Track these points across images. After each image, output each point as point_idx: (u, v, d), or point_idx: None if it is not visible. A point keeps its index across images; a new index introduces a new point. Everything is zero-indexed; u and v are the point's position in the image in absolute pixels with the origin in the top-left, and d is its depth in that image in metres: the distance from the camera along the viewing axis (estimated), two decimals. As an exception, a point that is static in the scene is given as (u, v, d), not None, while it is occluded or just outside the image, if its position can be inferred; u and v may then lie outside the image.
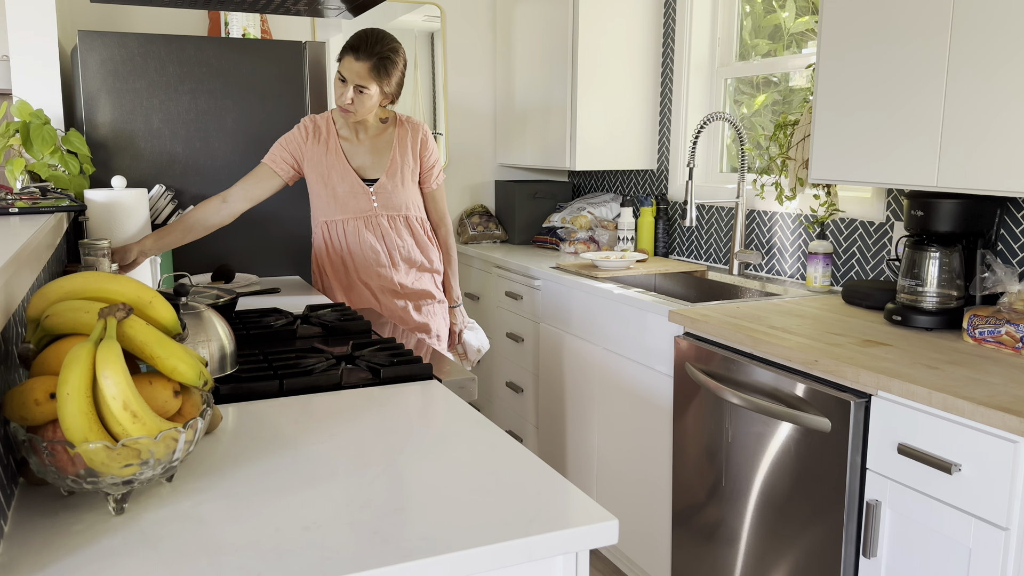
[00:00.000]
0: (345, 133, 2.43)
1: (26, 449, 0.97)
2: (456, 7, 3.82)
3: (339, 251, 2.46)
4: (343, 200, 2.42)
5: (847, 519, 1.75)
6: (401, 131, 2.49)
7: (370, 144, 2.45)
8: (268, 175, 2.39)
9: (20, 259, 1.09)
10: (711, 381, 2.09)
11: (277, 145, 2.41)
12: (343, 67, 2.30)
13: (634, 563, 2.67)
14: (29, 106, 2.24)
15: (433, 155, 2.54)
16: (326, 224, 2.45)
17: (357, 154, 2.44)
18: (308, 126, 2.42)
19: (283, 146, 2.40)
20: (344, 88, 2.30)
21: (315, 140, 2.41)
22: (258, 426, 1.32)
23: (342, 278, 2.48)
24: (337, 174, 2.40)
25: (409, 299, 2.51)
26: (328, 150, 2.41)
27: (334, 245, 2.46)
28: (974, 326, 1.86)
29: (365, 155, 2.45)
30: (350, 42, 2.30)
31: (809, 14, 2.81)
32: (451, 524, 0.98)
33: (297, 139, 2.41)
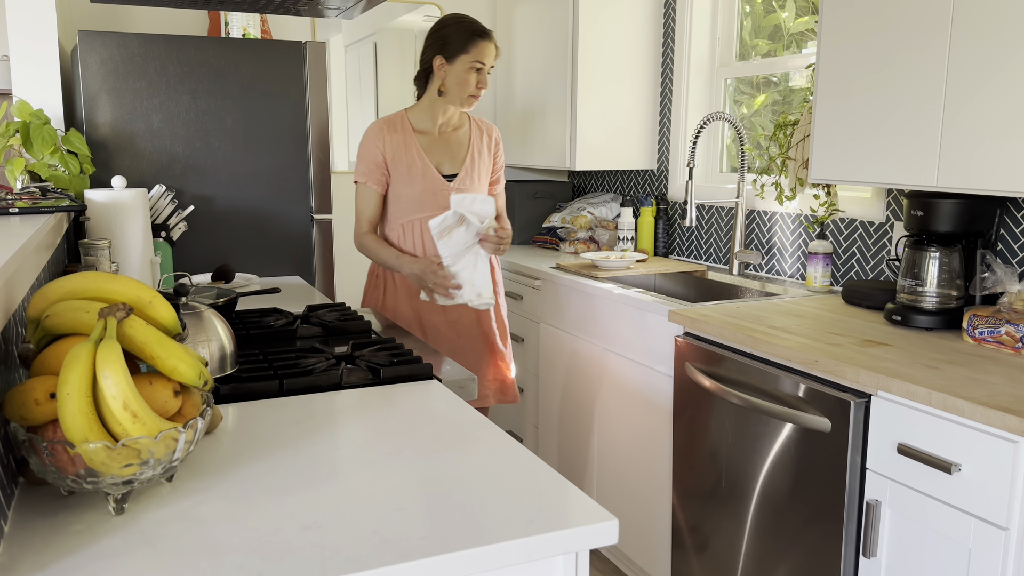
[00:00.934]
0: (422, 128, 2.41)
1: (26, 449, 0.97)
2: (456, 7, 3.82)
3: (414, 252, 2.40)
4: (423, 198, 2.37)
5: (847, 519, 1.75)
6: (475, 128, 2.49)
7: (447, 139, 2.43)
8: (373, 194, 2.39)
9: (20, 259, 1.09)
10: (711, 381, 2.09)
11: (361, 161, 2.39)
12: (481, 54, 2.31)
13: (634, 563, 2.67)
14: (29, 106, 2.24)
15: (503, 157, 2.57)
16: (402, 228, 2.40)
17: (434, 150, 2.41)
18: (382, 127, 2.39)
19: (368, 158, 2.37)
20: (477, 75, 2.32)
21: (392, 139, 2.37)
22: (258, 426, 1.33)
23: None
24: (418, 171, 2.37)
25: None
26: (408, 148, 2.37)
27: (409, 247, 2.40)
28: (974, 326, 1.86)
29: (442, 151, 2.42)
30: (474, 28, 2.31)
31: (809, 14, 2.81)
32: (451, 524, 0.98)
33: (375, 144, 2.36)
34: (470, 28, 2.31)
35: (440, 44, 2.33)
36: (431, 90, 2.39)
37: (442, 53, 2.33)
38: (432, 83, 2.38)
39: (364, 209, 2.39)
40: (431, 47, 2.36)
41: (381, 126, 2.39)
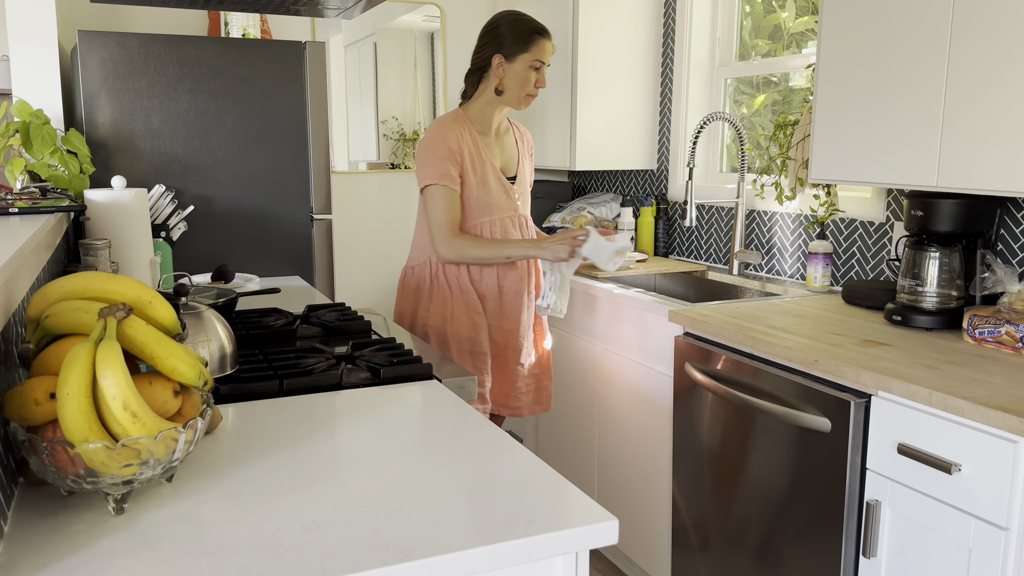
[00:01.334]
0: (480, 129, 2.35)
1: (26, 449, 0.97)
2: (456, 7, 3.82)
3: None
4: (495, 199, 2.31)
5: (847, 519, 1.75)
6: (516, 131, 2.48)
7: (500, 141, 2.39)
8: (454, 195, 2.27)
9: (20, 259, 1.09)
10: (711, 381, 2.09)
11: (438, 160, 2.25)
12: (542, 52, 2.26)
13: (634, 563, 2.67)
14: (29, 106, 2.24)
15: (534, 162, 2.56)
16: (478, 227, 2.32)
17: (494, 152, 2.37)
18: (455, 123, 2.29)
19: (444, 157, 2.25)
20: (536, 74, 2.28)
21: (463, 139, 2.28)
22: (258, 426, 1.32)
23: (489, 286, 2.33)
24: (489, 173, 2.30)
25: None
26: (477, 148, 2.30)
27: None
28: (974, 326, 1.86)
29: (499, 153, 2.38)
30: (533, 26, 2.26)
31: (809, 14, 2.80)
32: (451, 524, 0.98)
33: (453, 140, 2.26)
34: (530, 26, 2.26)
35: (499, 42, 2.26)
36: (486, 89, 2.32)
37: (501, 51, 2.26)
38: (487, 82, 2.31)
39: (449, 211, 2.24)
40: (489, 45, 2.28)
41: (454, 122, 2.29)
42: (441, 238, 2.25)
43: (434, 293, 2.34)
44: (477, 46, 2.32)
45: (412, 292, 2.39)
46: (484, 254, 2.24)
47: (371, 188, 3.79)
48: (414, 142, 3.84)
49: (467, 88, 2.37)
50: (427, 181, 2.25)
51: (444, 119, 2.29)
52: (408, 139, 3.83)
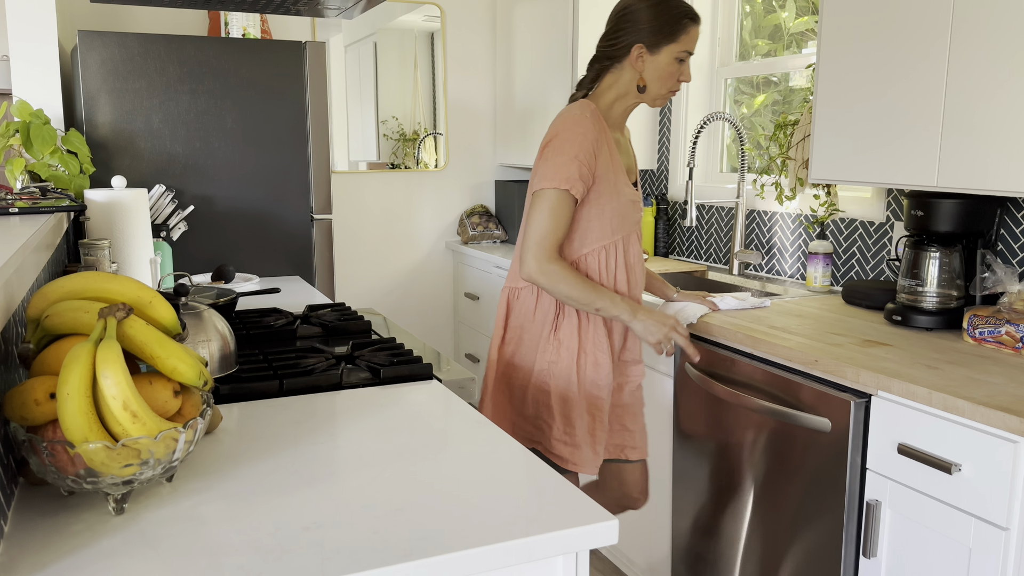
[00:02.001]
0: (610, 126, 1.97)
1: (26, 449, 0.97)
2: (456, 7, 3.82)
3: (612, 279, 1.95)
4: (625, 211, 1.94)
5: (847, 519, 1.75)
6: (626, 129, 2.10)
7: (621, 140, 2.02)
8: (571, 206, 1.85)
9: (20, 259, 1.09)
10: (711, 381, 2.09)
11: (567, 160, 1.82)
12: (691, 41, 1.90)
13: (634, 563, 2.67)
14: (29, 106, 2.24)
15: None
16: (604, 251, 1.93)
17: (621, 154, 1.99)
18: (593, 118, 1.87)
19: (578, 157, 1.83)
20: (680, 67, 1.91)
21: (600, 138, 1.88)
22: (258, 426, 1.32)
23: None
24: (622, 180, 1.92)
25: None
26: (610, 151, 1.90)
27: (607, 273, 1.94)
28: (974, 326, 1.86)
29: (625, 154, 2.02)
30: (683, 9, 1.88)
31: (809, 14, 2.80)
32: (451, 524, 0.98)
33: (591, 139, 1.85)
34: (680, 10, 1.88)
35: (640, 28, 1.87)
36: (617, 82, 1.92)
37: (644, 40, 1.87)
38: (619, 73, 1.92)
39: (557, 225, 1.83)
40: (628, 31, 1.88)
41: (591, 119, 1.87)
42: (536, 254, 1.83)
43: (562, 323, 1.93)
44: (609, 30, 1.92)
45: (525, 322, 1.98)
46: (575, 295, 1.83)
47: (371, 188, 3.79)
48: (414, 142, 3.84)
49: (588, 76, 1.97)
50: (545, 183, 1.82)
51: (580, 112, 1.87)
52: (408, 139, 3.83)
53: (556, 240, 1.84)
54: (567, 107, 1.92)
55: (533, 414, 1.96)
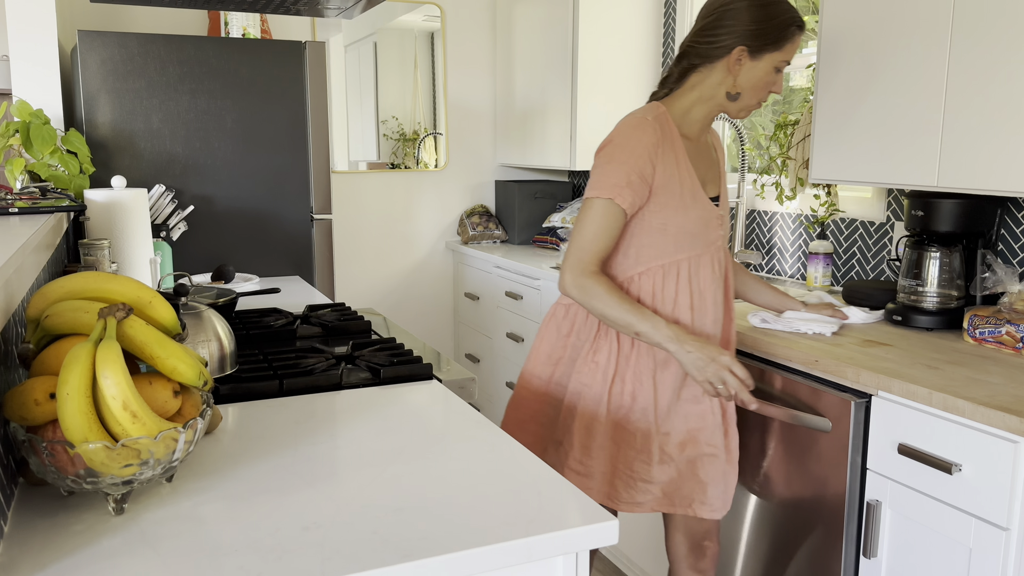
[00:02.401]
0: (686, 132, 1.77)
1: (26, 449, 0.97)
2: (456, 7, 3.82)
3: (672, 303, 1.74)
4: (695, 227, 1.73)
5: (847, 519, 1.74)
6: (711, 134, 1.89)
7: (701, 149, 1.81)
8: (620, 218, 1.68)
9: (20, 259, 1.09)
10: (711, 381, 2.09)
11: (619, 166, 1.66)
12: (793, 49, 1.72)
13: (634, 563, 2.67)
14: (29, 106, 2.24)
15: None
16: (662, 272, 1.73)
17: (699, 164, 1.79)
18: (654, 126, 1.69)
19: (630, 165, 1.65)
20: (776, 77, 1.73)
21: (664, 146, 1.70)
22: (258, 426, 1.32)
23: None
24: (689, 192, 1.72)
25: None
26: (677, 160, 1.71)
27: (665, 297, 1.74)
28: (974, 326, 1.86)
29: (704, 165, 1.81)
30: (792, 14, 1.69)
31: (809, 14, 2.80)
32: (451, 524, 0.98)
33: (648, 146, 1.66)
34: (790, 15, 1.69)
35: (743, 29, 1.67)
36: (702, 83, 1.73)
37: (748, 43, 1.67)
38: (708, 74, 1.72)
39: (599, 237, 1.67)
40: (731, 30, 1.67)
41: (653, 124, 1.69)
42: (572, 266, 1.68)
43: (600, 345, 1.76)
44: (707, 26, 1.71)
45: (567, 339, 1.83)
46: (611, 314, 1.65)
47: (371, 188, 3.79)
48: (414, 142, 3.84)
49: (674, 74, 1.77)
50: (592, 192, 1.68)
51: (642, 116, 1.71)
52: (408, 139, 3.83)
53: (597, 253, 1.67)
54: (633, 111, 1.76)
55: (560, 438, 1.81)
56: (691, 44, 1.73)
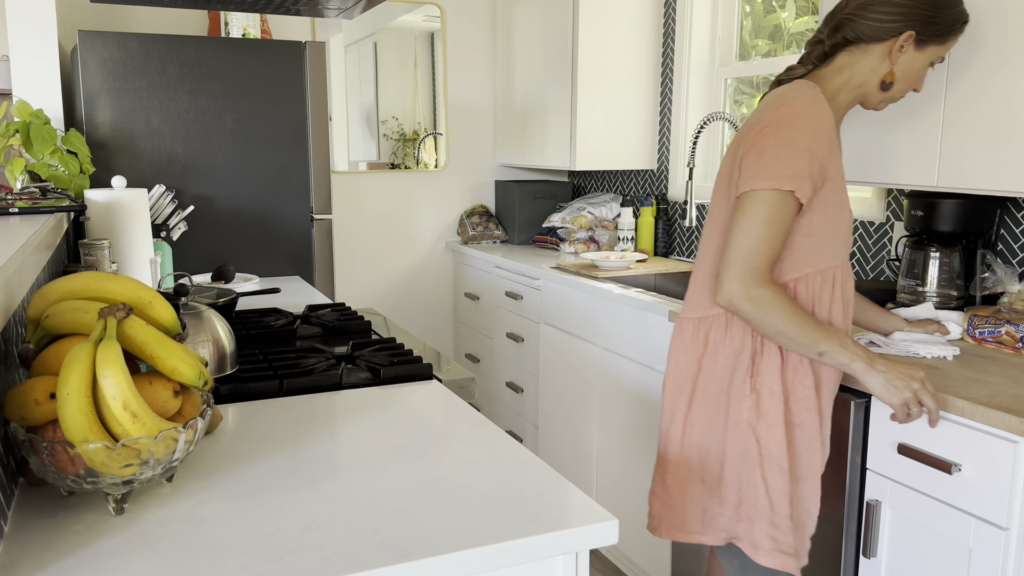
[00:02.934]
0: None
1: (26, 449, 0.97)
2: (456, 7, 3.82)
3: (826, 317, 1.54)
4: (847, 232, 1.53)
5: (847, 519, 1.74)
6: None
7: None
8: (792, 212, 1.44)
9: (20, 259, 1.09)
10: (711, 381, 2.08)
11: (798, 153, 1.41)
12: (952, 45, 1.59)
13: (634, 563, 2.67)
14: (29, 106, 2.24)
15: None
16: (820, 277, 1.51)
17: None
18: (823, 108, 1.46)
19: (808, 152, 1.42)
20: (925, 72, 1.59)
21: (835, 132, 1.50)
22: (258, 426, 1.32)
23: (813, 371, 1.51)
24: (845, 190, 1.53)
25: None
26: (839, 154, 1.52)
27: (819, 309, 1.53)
28: (974, 326, 1.86)
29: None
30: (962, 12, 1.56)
31: (809, 14, 2.81)
32: (451, 524, 0.98)
33: (824, 132, 1.44)
34: (960, 10, 1.55)
35: (920, 15, 1.50)
36: (856, 68, 1.53)
37: (918, 28, 1.51)
38: (862, 57, 1.52)
39: (773, 239, 1.42)
40: (904, 13, 1.50)
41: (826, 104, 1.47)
42: (742, 274, 1.42)
43: (760, 365, 1.50)
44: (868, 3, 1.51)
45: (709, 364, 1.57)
46: (791, 332, 1.41)
47: (371, 188, 3.80)
48: (414, 142, 3.84)
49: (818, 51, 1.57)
50: (762, 182, 1.42)
51: (812, 93, 1.47)
52: (408, 139, 3.83)
53: (770, 257, 1.42)
54: (788, 87, 1.51)
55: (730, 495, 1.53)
56: (850, 17, 1.51)
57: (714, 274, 1.55)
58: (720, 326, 1.54)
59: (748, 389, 1.49)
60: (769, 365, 1.50)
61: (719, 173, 1.61)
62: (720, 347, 1.54)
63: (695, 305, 1.60)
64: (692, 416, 1.57)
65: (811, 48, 1.58)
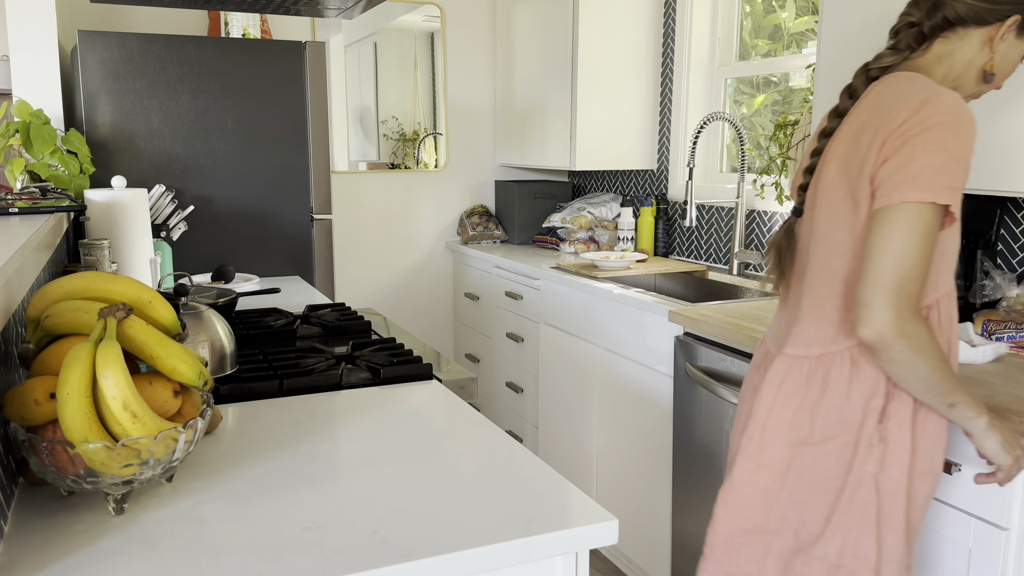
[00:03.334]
0: None
1: (26, 449, 0.97)
2: (456, 7, 3.82)
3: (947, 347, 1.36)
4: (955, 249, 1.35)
5: (847, 519, 1.74)
6: None
7: None
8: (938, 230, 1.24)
9: (20, 259, 1.09)
10: (711, 381, 2.08)
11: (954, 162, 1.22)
12: None
13: (634, 563, 2.67)
14: (29, 106, 2.24)
15: None
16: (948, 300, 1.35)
17: None
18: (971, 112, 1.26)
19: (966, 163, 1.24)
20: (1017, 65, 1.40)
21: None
22: (258, 426, 1.32)
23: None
24: None
25: None
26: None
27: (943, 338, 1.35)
28: (990, 331, 1.86)
29: None
30: None
31: (809, 14, 2.81)
32: (451, 524, 0.98)
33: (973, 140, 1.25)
34: None
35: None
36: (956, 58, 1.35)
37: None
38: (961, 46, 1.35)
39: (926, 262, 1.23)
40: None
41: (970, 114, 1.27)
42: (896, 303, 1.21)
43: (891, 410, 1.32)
44: None
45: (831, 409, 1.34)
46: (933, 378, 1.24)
47: (371, 188, 3.79)
48: (414, 142, 3.84)
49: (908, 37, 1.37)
50: (915, 193, 1.21)
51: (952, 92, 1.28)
52: (408, 139, 3.83)
53: (923, 284, 1.23)
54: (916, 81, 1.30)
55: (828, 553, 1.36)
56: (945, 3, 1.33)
57: (841, 304, 1.33)
58: (844, 365, 1.32)
59: (876, 438, 1.31)
60: (900, 409, 1.30)
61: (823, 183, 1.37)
62: (845, 389, 1.32)
63: (811, 340, 1.37)
64: (799, 467, 1.36)
65: (903, 32, 1.37)
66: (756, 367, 1.55)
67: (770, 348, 1.50)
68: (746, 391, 1.56)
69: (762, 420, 1.39)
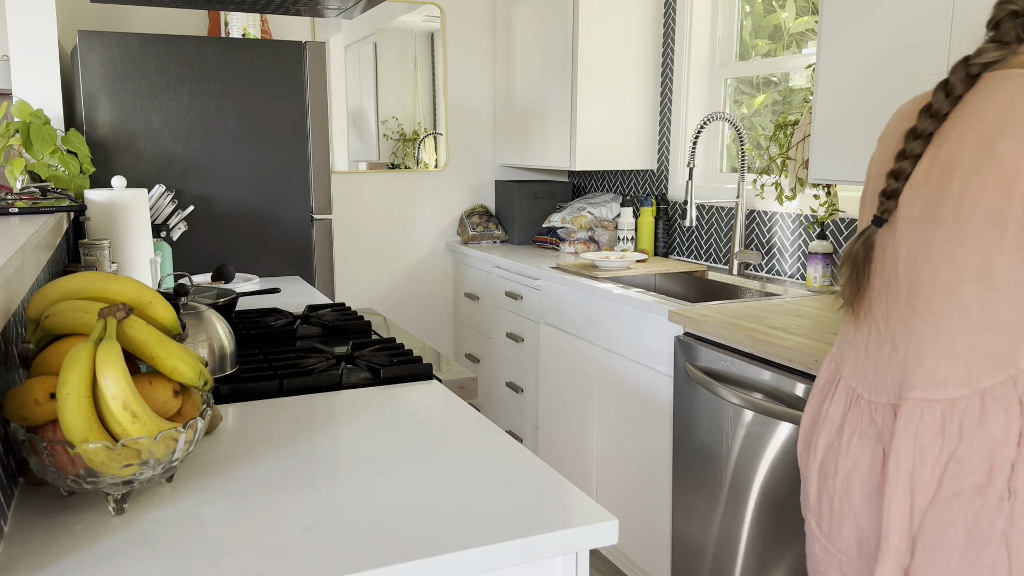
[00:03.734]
0: None
1: (26, 449, 0.97)
2: (456, 7, 3.82)
3: None
4: None
5: (847, 519, 1.74)
6: None
7: None
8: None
9: (20, 259, 1.09)
10: (711, 381, 2.09)
11: None
12: None
13: (634, 563, 2.67)
14: (29, 106, 2.24)
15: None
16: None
17: None
18: None
19: None
20: None
21: None
22: (258, 426, 1.32)
23: None
24: None
25: None
26: None
27: None
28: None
29: None
30: None
31: (809, 14, 2.81)
32: (451, 524, 0.98)
33: None
34: None
35: None
36: None
37: None
38: None
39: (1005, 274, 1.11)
40: None
41: None
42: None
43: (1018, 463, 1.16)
44: None
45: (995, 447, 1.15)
46: None
47: (371, 188, 3.80)
48: (414, 142, 3.84)
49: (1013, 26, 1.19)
50: None
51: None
52: (408, 139, 3.83)
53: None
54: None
55: None
56: None
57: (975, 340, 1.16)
58: (975, 410, 1.16)
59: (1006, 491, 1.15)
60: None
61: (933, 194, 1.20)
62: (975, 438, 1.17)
63: (941, 381, 1.19)
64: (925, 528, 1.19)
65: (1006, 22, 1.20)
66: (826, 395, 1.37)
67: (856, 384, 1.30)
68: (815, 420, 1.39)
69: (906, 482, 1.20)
